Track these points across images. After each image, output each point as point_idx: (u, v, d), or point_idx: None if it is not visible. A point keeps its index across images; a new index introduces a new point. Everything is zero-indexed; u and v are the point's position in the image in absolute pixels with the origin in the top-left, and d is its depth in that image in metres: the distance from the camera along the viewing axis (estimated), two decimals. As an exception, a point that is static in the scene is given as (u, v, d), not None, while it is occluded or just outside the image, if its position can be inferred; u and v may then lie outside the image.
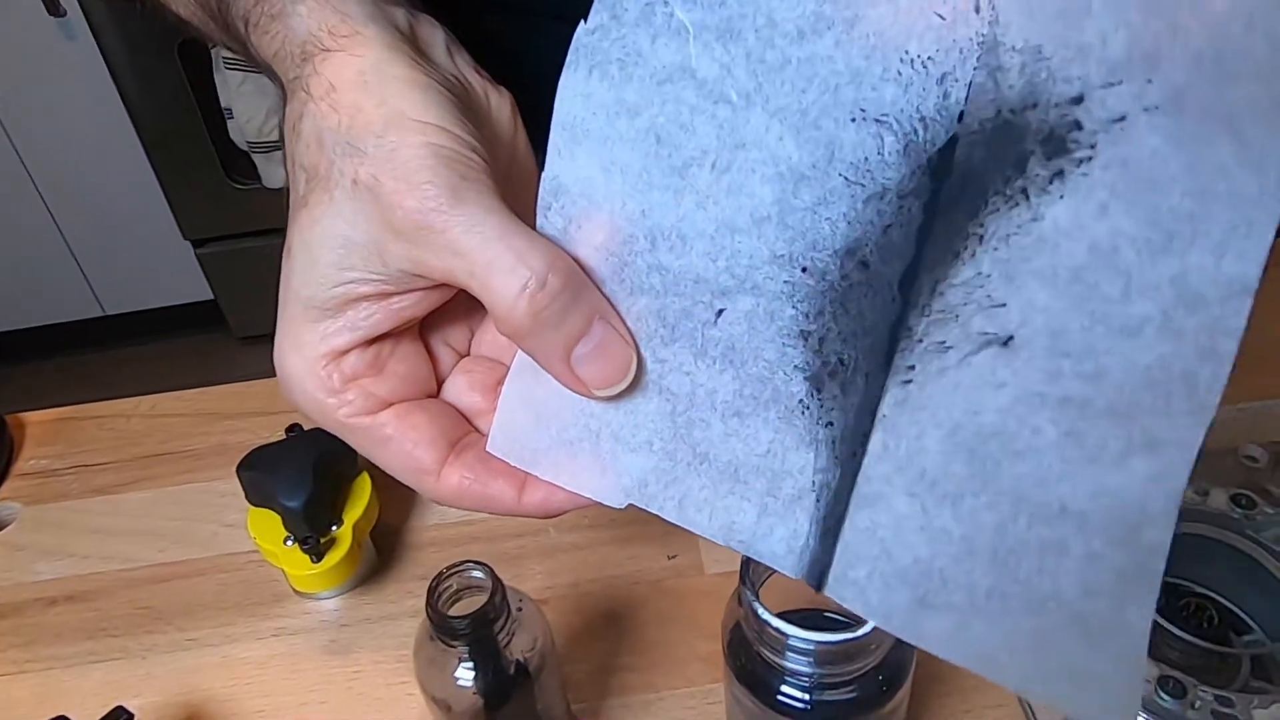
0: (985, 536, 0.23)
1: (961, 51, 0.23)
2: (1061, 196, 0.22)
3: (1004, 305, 0.23)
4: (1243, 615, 0.43)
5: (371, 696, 0.41)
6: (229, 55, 1.66)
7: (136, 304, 2.13)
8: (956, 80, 0.24)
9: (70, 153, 1.88)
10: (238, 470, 0.43)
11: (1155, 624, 0.39)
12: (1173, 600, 0.44)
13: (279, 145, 1.81)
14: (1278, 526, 0.43)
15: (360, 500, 0.43)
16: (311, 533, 0.41)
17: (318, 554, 0.41)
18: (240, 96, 1.74)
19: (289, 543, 0.42)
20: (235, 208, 1.95)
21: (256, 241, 2.01)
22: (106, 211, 1.97)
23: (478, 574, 0.31)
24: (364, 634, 0.43)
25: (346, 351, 0.27)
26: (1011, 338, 0.23)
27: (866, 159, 0.25)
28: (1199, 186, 0.20)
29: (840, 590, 0.25)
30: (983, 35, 0.23)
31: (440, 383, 0.30)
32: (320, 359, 0.27)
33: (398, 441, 0.27)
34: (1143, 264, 0.21)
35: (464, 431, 0.29)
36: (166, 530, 0.49)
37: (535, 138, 0.28)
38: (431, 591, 0.31)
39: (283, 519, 0.42)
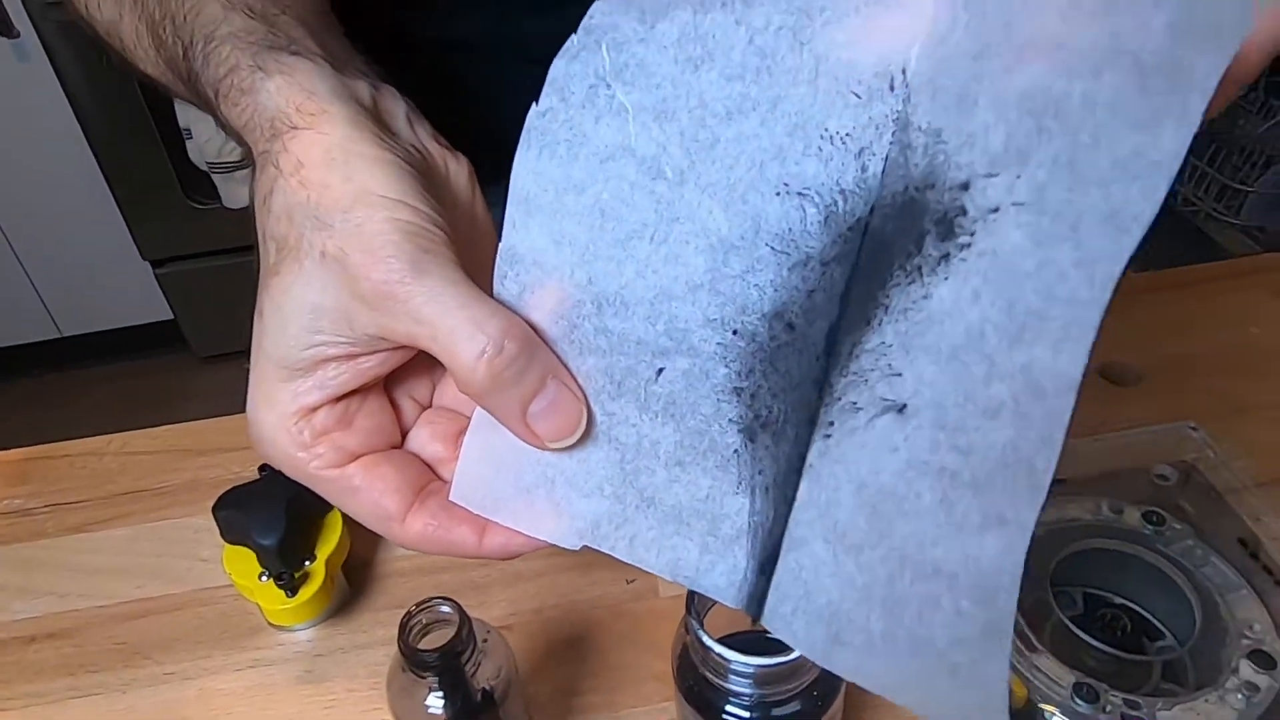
0: (879, 586, 0.25)
1: (878, 127, 0.26)
2: (946, 278, 0.24)
3: (901, 375, 0.25)
4: (1155, 623, 0.47)
5: (346, 723, 0.43)
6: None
7: (94, 325, 2.11)
8: (874, 155, 0.26)
9: (25, 174, 1.86)
10: (213, 510, 0.45)
11: (1074, 635, 0.43)
12: (1090, 610, 0.47)
13: (240, 165, 1.81)
14: (1185, 540, 0.47)
15: (332, 535, 0.46)
16: (286, 568, 0.43)
17: (292, 589, 0.43)
18: (200, 117, 1.74)
19: (264, 578, 0.44)
20: (195, 227, 1.95)
21: (217, 261, 2.00)
22: (63, 233, 1.95)
23: (445, 609, 0.33)
24: (337, 664, 0.45)
25: (316, 408, 0.29)
26: (905, 406, 0.25)
27: (790, 229, 0.27)
28: (1045, 285, 0.22)
29: (773, 622, 0.28)
30: (897, 112, 0.25)
31: (404, 433, 0.32)
32: (292, 416, 0.29)
33: (365, 491, 0.30)
34: (1002, 351, 0.23)
35: (427, 480, 0.31)
36: (143, 566, 0.51)
37: (506, 176, 0.30)
38: (403, 626, 0.33)
39: (258, 556, 0.44)
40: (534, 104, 0.29)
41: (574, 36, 0.29)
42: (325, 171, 0.28)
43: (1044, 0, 0.22)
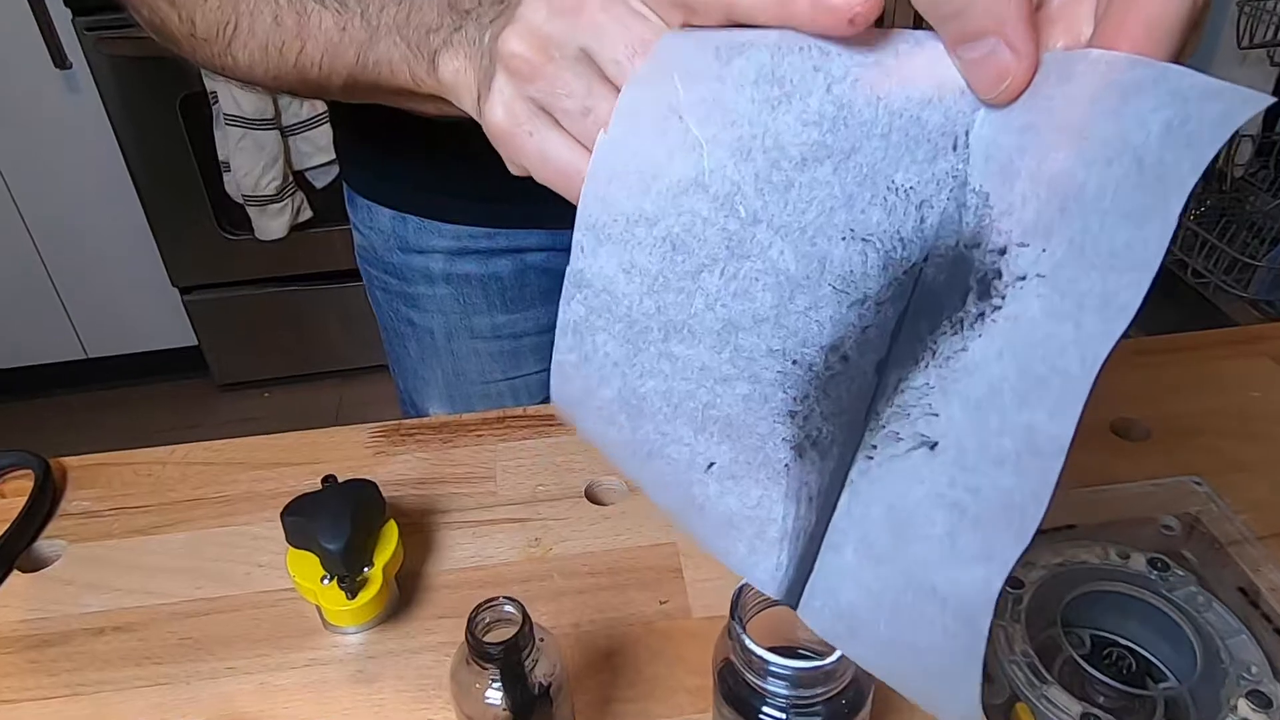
0: (889, 596, 0.28)
1: (939, 183, 0.27)
2: (980, 335, 0.26)
3: (938, 415, 0.27)
4: (1158, 664, 0.50)
5: (396, 720, 0.46)
6: (230, 112, 1.73)
7: (118, 348, 2.16)
8: (932, 208, 0.27)
9: (65, 200, 1.92)
10: (281, 515, 0.48)
11: (1083, 670, 0.45)
12: (1097, 650, 0.50)
13: (274, 198, 1.88)
14: (1188, 587, 0.49)
15: (389, 545, 0.49)
16: (348, 572, 0.46)
17: (353, 591, 0.46)
18: (239, 151, 1.81)
19: (326, 581, 0.47)
20: (226, 257, 2.00)
21: (244, 290, 2.06)
22: (97, 258, 2.01)
23: (509, 608, 0.36)
24: (388, 666, 0.48)
25: None
26: (936, 444, 0.27)
27: (852, 271, 0.28)
28: (1049, 356, 0.23)
29: (805, 614, 0.31)
30: (956, 171, 0.26)
31: None
32: None
33: None
34: (1012, 408, 0.24)
35: None
36: (204, 569, 0.54)
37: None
38: (470, 622, 0.36)
39: (321, 559, 0.47)
40: (602, 131, 0.30)
41: (643, 66, 0.30)
42: None
43: (1080, 89, 0.24)
